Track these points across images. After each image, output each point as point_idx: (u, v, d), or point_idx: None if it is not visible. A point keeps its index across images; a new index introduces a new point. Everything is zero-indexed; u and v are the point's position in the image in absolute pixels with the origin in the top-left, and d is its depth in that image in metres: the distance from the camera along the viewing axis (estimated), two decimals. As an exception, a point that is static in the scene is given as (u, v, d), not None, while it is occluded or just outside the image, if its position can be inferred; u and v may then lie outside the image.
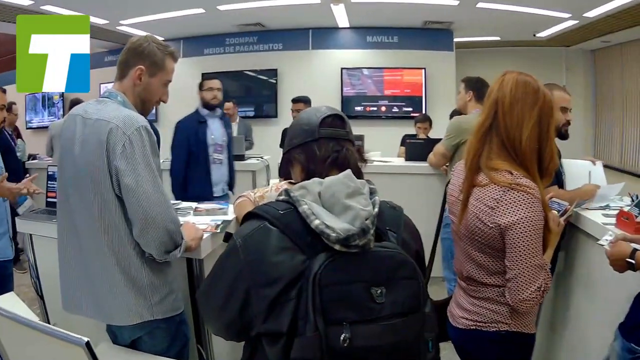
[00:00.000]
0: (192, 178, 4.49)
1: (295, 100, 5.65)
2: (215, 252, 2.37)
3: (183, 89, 8.72)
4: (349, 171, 1.31)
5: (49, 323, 2.89)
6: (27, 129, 10.46)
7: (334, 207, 1.24)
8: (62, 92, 10.12)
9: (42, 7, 6.48)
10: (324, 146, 1.44)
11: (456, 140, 3.95)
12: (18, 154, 8.18)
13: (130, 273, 1.90)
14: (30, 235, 3.03)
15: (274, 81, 8.71)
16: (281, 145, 5.57)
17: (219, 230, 2.49)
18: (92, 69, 9.85)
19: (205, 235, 2.33)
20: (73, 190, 1.95)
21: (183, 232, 1.99)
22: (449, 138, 4.02)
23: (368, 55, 8.52)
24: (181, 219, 2.42)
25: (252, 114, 8.77)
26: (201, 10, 7.26)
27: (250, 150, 6.23)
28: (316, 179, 1.32)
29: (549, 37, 8.63)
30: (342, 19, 7.95)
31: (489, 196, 1.71)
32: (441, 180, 4.53)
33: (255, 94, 8.93)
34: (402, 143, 6.01)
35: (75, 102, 6.06)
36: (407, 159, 5.19)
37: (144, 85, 2.03)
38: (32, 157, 7.84)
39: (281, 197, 1.32)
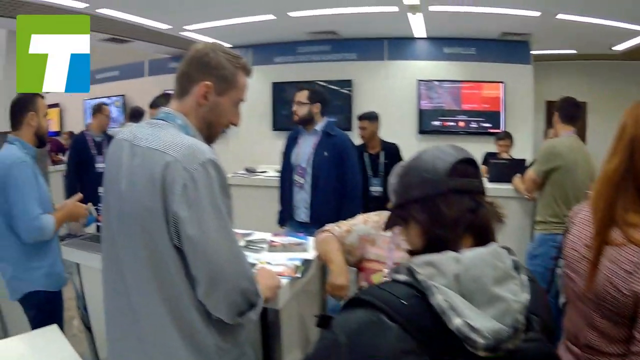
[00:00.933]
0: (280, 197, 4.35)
1: (361, 118, 5.28)
2: (293, 301, 2.14)
3: (251, 100, 8.54)
4: (494, 246, 1.05)
5: (97, 358, 2.82)
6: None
7: (475, 295, 0.97)
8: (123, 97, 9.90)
9: (97, 11, 6.33)
10: (454, 203, 1.11)
11: (548, 165, 3.72)
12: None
13: (192, 337, 1.50)
14: (78, 264, 2.80)
15: (349, 92, 8.40)
16: None
17: (299, 275, 2.17)
18: (154, 75, 9.70)
19: (283, 281, 2.01)
20: (119, 235, 1.56)
21: (258, 285, 1.58)
22: (540, 163, 3.79)
23: (445, 67, 8.16)
24: (254, 256, 2.35)
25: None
26: (271, 17, 7.00)
27: None
28: (451, 254, 1.02)
29: (625, 50, 8.24)
30: (418, 28, 7.62)
31: (626, 258, 1.38)
32: (524, 205, 4.34)
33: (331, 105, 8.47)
34: (484, 162, 5.75)
35: (136, 111, 5.70)
36: (490, 180, 4.87)
37: (211, 106, 1.63)
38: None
39: (401, 277, 1.04)
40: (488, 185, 4.59)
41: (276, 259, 2.31)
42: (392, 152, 5.12)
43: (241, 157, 7.09)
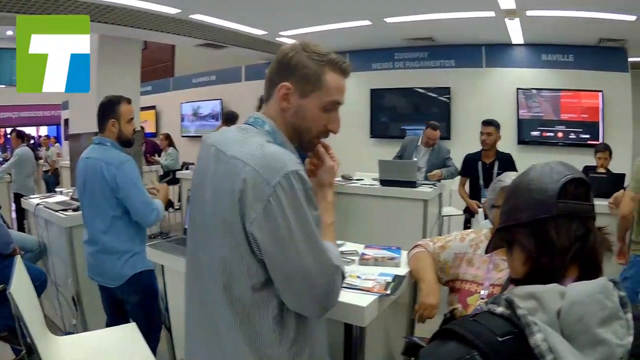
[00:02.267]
0: None
1: (487, 123, 5.18)
2: (380, 319, 2.00)
3: (348, 106, 8.57)
4: (603, 281, 0.96)
5: (175, 358, 2.87)
6: (183, 136, 10.45)
7: (578, 336, 0.90)
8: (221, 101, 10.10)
9: (190, 17, 6.46)
10: (564, 228, 1.02)
11: None
12: (169, 161, 8.24)
13: (261, 351, 1.40)
14: (162, 265, 2.86)
15: (447, 100, 8.38)
16: (460, 173, 5.35)
17: (389, 292, 1.98)
18: (249, 80, 9.93)
19: (372, 298, 1.90)
20: (201, 243, 1.49)
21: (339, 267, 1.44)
22: (634, 179, 3.59)
23: (543, 75, 7.99)
24: (347, 269, 2.01)
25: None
26: (367, 23, 7.04)
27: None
28: (557, 287, 0.94)
29: None
30: (516, 34, 7.52)
31: None
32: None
33: (426, 112, 8.52)
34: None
35: (231, 115, 5.88)
36: None
37: (295, 109, 1.48)
38: (186, 165, 7.77)
39: (499, 309, 0.96)
40: None
41: (367, 273, 2.17)
42: (506, 162, 5.01)
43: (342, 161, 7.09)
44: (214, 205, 1.41)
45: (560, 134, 7.80)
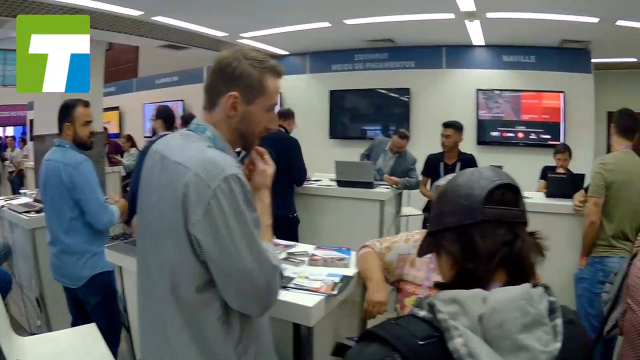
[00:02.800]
0: None
1: (446, 125, 5.10)
2: (328, 319, 2.02)
3: (309, 107, 8.45)
4: (526, 287, 0.94)
5: (135, 359, 2.87)
6: (146, 137, 10.19)
7: (500, 342, 0.88)
8: (183, 102, 9.84)
9: (152, 19, 6.43)
10: (489, 234, 1.00)
11: (602, 182, 3.42)
12: (131, 161, 8.02)
13: (209, 350, 1.45)
14: (120, 267, 2.85)
15: (406, 101, 8.27)
16: (422, 173, 5.27)
17: (335, 292, 1.98)
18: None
19: (319, 298, 1.92)
20: (149, 246, 1.53)
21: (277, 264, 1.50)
22: (594, 185, 3.48)
23: (504, 76, 7.90)
24: (294, 269, 2.28)
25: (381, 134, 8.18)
26: (327, 24, 6.95)
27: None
28: (479, 292, 0.93)
29: None
30: (476, 36, 7.42)
31: None
32: (583, 223, 3.92)
33: (386, 113, 8.47)
34: (542, 176, 5.56)
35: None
36: (549, 195, 4.66)
37: (242, 116, 1.53)
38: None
39: (422, 313, 0.95)
40: (546, 200, 4.25)
41: (315, 274, 2.18)
42: (468, 164, 4.90)
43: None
44: (159, 210, 1.46)
45: (520, 135, 7.73)
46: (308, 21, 6.88)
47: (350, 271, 2.28)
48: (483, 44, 7.84)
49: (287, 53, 9.00)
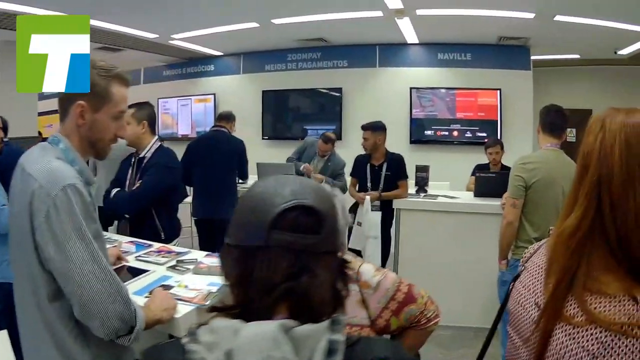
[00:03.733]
0: None
1: (363, 128, 4.82)
2: None
3: (243, 107, 8.09)
4: (279, 324, 0.77)
5: None
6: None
7: None
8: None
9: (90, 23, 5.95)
10: (273, 262, 0.83)
11: (521, 182, 3.19)
12: None
13: (69, 357, 1.49)
14: None
15: (339, 100, 7.99)
16: (351, 174, 5.04)
17: (207, 303, 1.88)
18: (149, 83, 9.25)
19: (189, 309, 1.84)
20: (15, 254, 1.57)
21: (140, 312, 1.53)
22: (512, 186, 3.23)
23: (439, 74, 7.68)
24: (178, 277, 2.21)
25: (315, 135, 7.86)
26: (255, 25, 6.71)
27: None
28: (234, 324, 0.80)
29: (631, 54, 7.70)
30: (410, 34, 7.18)
31: (593, 337, 0.92)
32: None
33: (318, 113, 8.22)
34: (473, 173, 5.35)
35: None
36: (476, 194, 4.56)
37: (89, 124, 1.59)
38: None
39: (184, 340, 0.82)
40: (473, 200, 4.58)
41: (197, 283, 2.09)
42: (395, 164, 4.77)
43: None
44: (16, 219, 1.51)
45: (455, 133, 7.52)
46: (236, 22, 6.64)
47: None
48: (417, 42, 7.60)
49: (221, 54, 8.72)
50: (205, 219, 4.83)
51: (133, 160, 3.28)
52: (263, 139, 8.35)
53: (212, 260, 2.39)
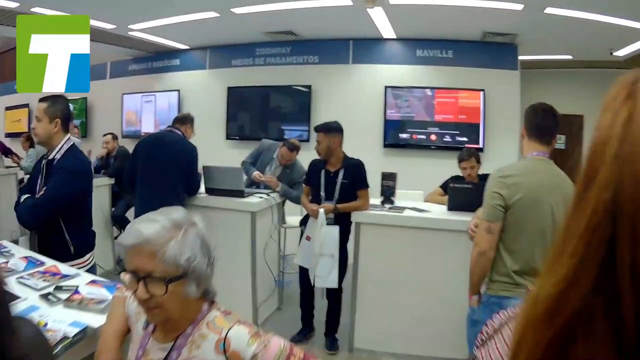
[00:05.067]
0: None
1: (315, 129, 4.22)
2: None
3: (207, 104, 7.41)
4: None
5: None
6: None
7: None
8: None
9: (32, 10, 5.73)
10: None
11: (499, 201, 2.47)
12: (28, 162, 6.92)
13: None
14: None
15: (307, 98, 7.24)
16: (305, 181, 4.45)
17: (55, 351, 1.56)
18: (113, 77, 8.45)
19: None
20: None
21: None
22: (488, 205, 2.51)
23: (417, 72, 6.94)
24: (45, 310, 1.88)
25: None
26: (214, 14, 6.08)
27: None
28: None
29: (628, 56, 7.00)
30: (386, 28, 6.52)
31: None
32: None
33: (285, 112, 7.52)
34: (444, 184, 4.65)
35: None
36: (450, 207, 3.99)
37: None
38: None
39: None
40: (445, 215, 3.92)
41: (58, 321, 1.77)
42: (353, 170, 4.08)
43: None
44: None
45: (433, 137, 6.77)
46: (194, 11, 6.01)
47: (101, 320, 1.78)
48: (394, 37, 6.91)
49: (187, 47, 8.08)
50: None
51: (43, 162, 2.86)
52: (228, 139, 7.65)
53: (91, 290, 2.08)
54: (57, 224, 2.75)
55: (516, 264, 2.44)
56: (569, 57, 7.62)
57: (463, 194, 3.91)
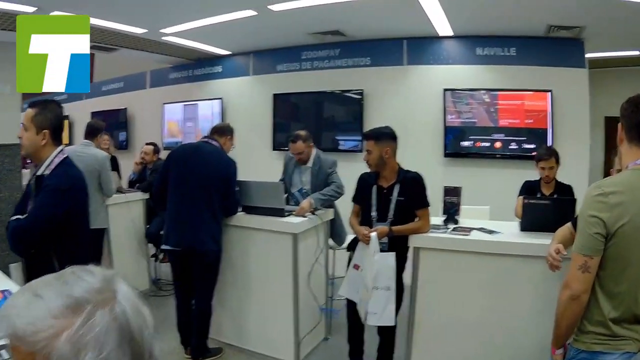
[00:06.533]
0: None
1: (365, 136, 3.59)
2: None
3: (252, 112, 6.89)
4: None
5: None
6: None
7: None
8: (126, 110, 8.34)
9: (51, 14, 5.29)
10: None
11: (599, 228, 1.83)
12: None
13: None
14: None
15: (359, 103, 6.56)
16: (353, 199, 3.80)
17: None
18: (154, 87, 7.76)
19: None
20: None
21: None
22: (585, 234, 1.87)
23: (478, 73, 6.21)
24: None
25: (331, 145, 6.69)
26: (252, 12, 5.50)
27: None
28: None
29: None
30: (443, 25, 5.87)
31: None
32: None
33: (336, 119, 6.85)
34: (522, 192, 4.18)
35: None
36: (524, 227, 3.29)
37: None
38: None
39: None
40: (516, 238, 3.18)
41: None
42: (409, 186, 3.43)
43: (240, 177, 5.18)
44: None
45: (498, 144, 6.04)
46: (228, 10, 5.49)
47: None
48: (451, 34, 6.24)
49: (229, 53, 7.60)
50: (175, 251, 3.78)
51: (32, 179, 2.56)
52: (275, 149, 7.04)
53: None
54: (45, 249, 2.41)
55: (616, 310, 1.83)
56: (638, 52, 6.83)
57: (540, 212, 3.26)
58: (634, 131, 1.89)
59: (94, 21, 5.57)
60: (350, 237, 4.06)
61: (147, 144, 6.35)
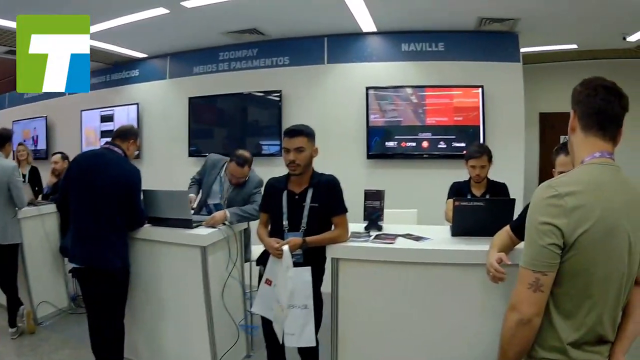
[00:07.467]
0: None
1: (289, 133, 2.98)
2: None
3: (169, 117, 6.41)
4: None
5: None
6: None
7: None
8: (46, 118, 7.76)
9: None
10: None
11: (554, 238, 1.44)
12: None
13: None
14: None
15: (278, 104, 6.18)
16: (260, 206, 3.32)
17: None
18: (72, 93, 6.85)
19: None
20: None
21: None
22: (536, 245, 1.49)
23: (404, 70, 5.88)
24: None
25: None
26: (164, 11, 5.14)
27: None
28: None
29: None
30: (365, 21, 5.56)
31: None
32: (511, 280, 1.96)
33: (253, 121, 6.45)
34: (450, 194, 3.83)
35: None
36: (455, 232, 2.92)
37: None
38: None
39: None
40: (447, 245, 2.78)
41: None
42: (324, 190, 2.97)
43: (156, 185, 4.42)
44: None
45: (425, 144, 5.73)
46: (138, 9, 5.11)
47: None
48: (375, 30, 5.91)
49: (146, 55, 7.21)
50: (79, 268, 3.29)
51: None
52: (190, 156, 6.61)
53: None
54: None
55: (576, 333, 1.50)
56: (574, 46, 6.70)
57: (472, 214, 2.87)
58: (593, 119, 1.54)
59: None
60: (255, 249, 3.69)
61: (54, 153, 5.95)
